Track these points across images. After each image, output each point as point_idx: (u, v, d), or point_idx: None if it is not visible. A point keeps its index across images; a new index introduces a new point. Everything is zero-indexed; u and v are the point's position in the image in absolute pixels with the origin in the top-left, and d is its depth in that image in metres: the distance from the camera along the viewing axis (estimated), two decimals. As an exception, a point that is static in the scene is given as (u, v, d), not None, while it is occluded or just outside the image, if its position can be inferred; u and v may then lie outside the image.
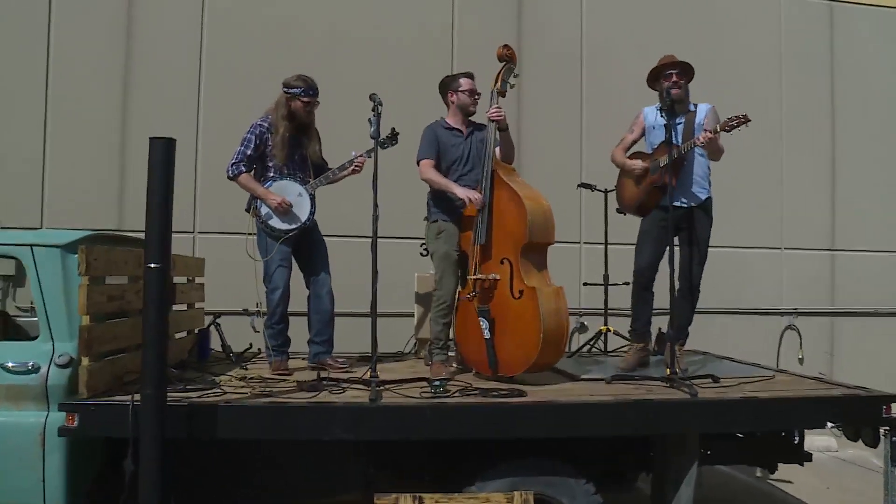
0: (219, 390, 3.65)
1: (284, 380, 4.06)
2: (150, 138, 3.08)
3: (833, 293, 8.34)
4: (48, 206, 6.34)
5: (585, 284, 5.91)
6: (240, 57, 6.71)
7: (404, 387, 3.79)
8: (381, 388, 3.67)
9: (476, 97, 4.53)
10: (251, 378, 4.04)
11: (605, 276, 5.68)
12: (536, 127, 7.12)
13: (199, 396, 3.49)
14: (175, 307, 4.87)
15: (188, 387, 3.67)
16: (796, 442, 3.96)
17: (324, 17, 6.89)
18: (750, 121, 4.19)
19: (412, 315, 5.44)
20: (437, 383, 3.65)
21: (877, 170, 8.29)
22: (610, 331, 5.54)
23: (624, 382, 4.03)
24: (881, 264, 8.38)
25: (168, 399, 3.21)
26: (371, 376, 3.71)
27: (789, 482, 5.53)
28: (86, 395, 3.29)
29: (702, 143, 4.28)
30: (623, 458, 3.98)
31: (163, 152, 3.06)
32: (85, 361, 3.34)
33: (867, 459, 6.34)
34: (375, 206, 3.90)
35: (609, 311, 5.72)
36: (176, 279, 4.90)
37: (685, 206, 4.52)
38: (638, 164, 4.60)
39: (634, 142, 4.80)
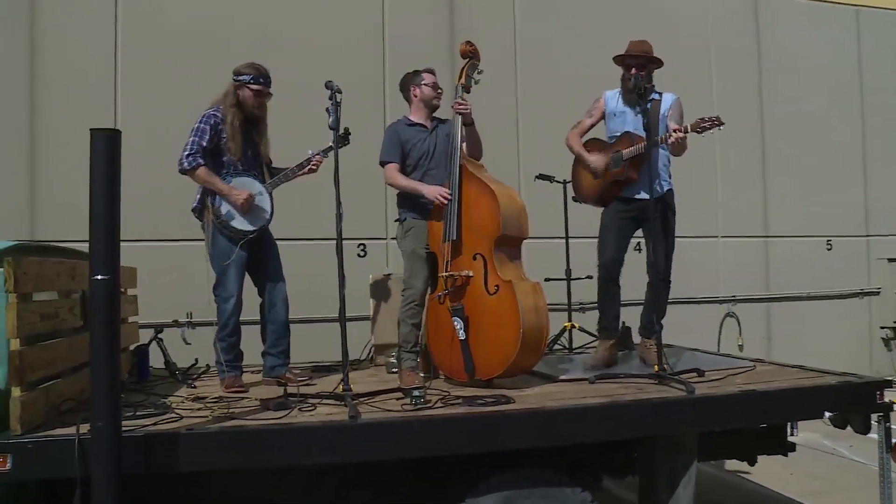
0: (174, 415, 3.25)
1: (244, 398, 3.67)
2: (91, 130, 2.68)
3: (768, 279, 8.50)
4: (-52, 215, 5.70)
5: (547, 280, 5.69)
6: (160, 52, 6.23)
7: (379, 399, 3.48)
8: (356, 401, 3.35)
9: (439, 91, 4.36)
10: (207, 398, 3.63)
11: (568, 271, 5.51)
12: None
13: (153, 424, 3.07)
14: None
15: (139, 412, 3.25)
16: (794, 435, 3.86)
17: (252, 14, 6.48)
18: (723, 123, 4.06)
19: (367, 319, 5.11)
20: (416, 394, 3.35)
21: (804, 157, 8.49)
22: (575, 327, 5.37)
23: (609, 382, 3.84)
24: (811, 249, 8.61)
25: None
26: (344, 389, 3.39)
27: (747, 473, 5.49)
28: (19, 432, 2.83)
29: (672, 142, 4.13)
30: (608, 462, 3.78)
31: (106, 147, 2.66)
32: (16, 392, 2.86)
33: (818, 442, 6.40)
34: (338, 203, 3.58)
35: (573, 306, 5.55)
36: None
37: (645, 198, 4.37)
38: (598, 164, 4.40)
39: (592, 126, 4.62)
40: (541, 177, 5.59)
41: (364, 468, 3.33)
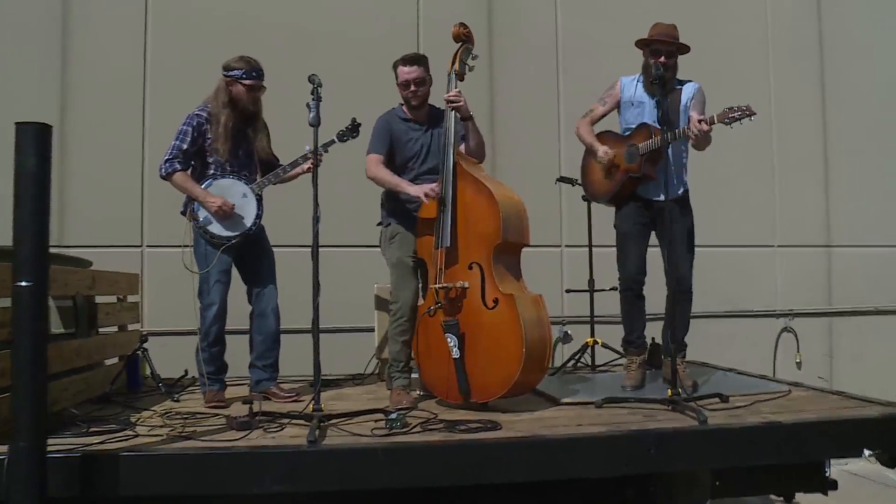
0: (131, 432, 3.03)
1: (216, 414, 3.42)
2: (17, 124, 2.46)
3: (830, 292, 7.84)
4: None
5: (568, 291, 5.31)
6: (189, 55, 6.08)
7: (354, 421, 3.16)
8: (325, 423, 3.05)
9: (412, 89, 3.85)
10: (174, 414, 3.39)
11: (591, 282, 5.08)
12: (511, 122, 6.57)
13: (101, 442, 2.84)
14: (102, 330, 4.28)
15: (92, 429, 3.03)
16: (827, 474, 3.36)
17: (281, 11, 6.28)
18: (755, 113, 3.62)
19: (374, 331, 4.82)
20: (393, 416, 3.03)
21: (872, 160, 7.79)
22: (598, 343, 4.95)
23: (617, 406, 3.43)
24: (880, 260, 7.89)
25: (60, 447, 2.64)
26: (314, 409, 3.09)
27: (797, 504, 4.95)
28: (-47, 447, 2.64)
29: (695, 134, 3.72)
30: (621, 496, 3.36)
31: (35, 141, 2.43)
32: (-44, 404, 2.70)
33: (881, 473, 5.78)
34: (316, 205, 3.29)
35: (595, 319, 5.12)
36: (102, 299, 4.30)
37: (662, 200, 3.94)
38: (606, 155, 4.01)
39: (604, 115, 4.22)
40: (562, 179, 5.20)
41: (335, 499, 3.02)
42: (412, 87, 3.84)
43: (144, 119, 6.07)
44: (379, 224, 4.04)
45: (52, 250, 4.59)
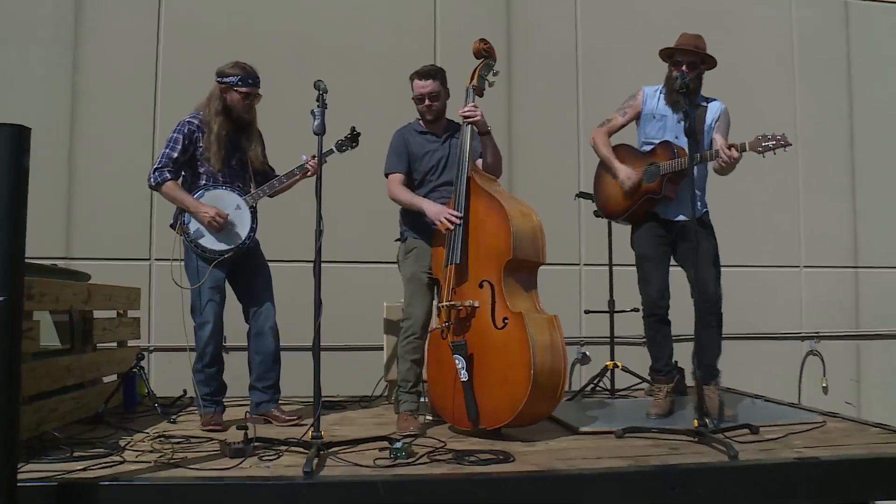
0: (118, 457, 2.83)
1: (211, 439, 3.22)
2: (-8, 125, 2.29)
3: (858, 314, 7.56)
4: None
5: (587, 312, 5.09)
6: (200, 66, 5.91)
7: (356, 449, 2.96)
8: (325, 452, 2.84)
9: (428, 102, 3.70)
10: (166, 438, 3.19)
11: (611, 302, 4.85)
12: (528, 136, 6.37)
13: (83, 468, 2.65)
14: (102, 346, 4.11)
15: (76, 453, 2.85)
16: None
17: (295, 22, 6.14)
18: (790, 144, 3.45)
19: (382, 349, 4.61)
20: (397, 445, 2.82)
21: (901, 177, 7.54)
22: (618, 366, 4.70)
23: (639, 436, 3.20)
24: (910, 282, 7.61)
25: (37, 475, 2.47)
26: (313, 436, 2.88)
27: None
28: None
29: (725, 161, 3.52)
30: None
31: (10, 145, 2.26)
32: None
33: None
34: (319, 217, 3.09)
35: (616, 340, 4.88)
36: (100, 314, 4.13)
37: (683, 220, 3.73)
38: (629, 179, 3.80)
39: (623, 126, 4.00)
40: (581, 195, 4.98)
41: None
42: (426, 102, 3.70)
43: (154, 130, 5.93)
44: (397, 240, 3.87)
45: (58, 263, 4.55)
